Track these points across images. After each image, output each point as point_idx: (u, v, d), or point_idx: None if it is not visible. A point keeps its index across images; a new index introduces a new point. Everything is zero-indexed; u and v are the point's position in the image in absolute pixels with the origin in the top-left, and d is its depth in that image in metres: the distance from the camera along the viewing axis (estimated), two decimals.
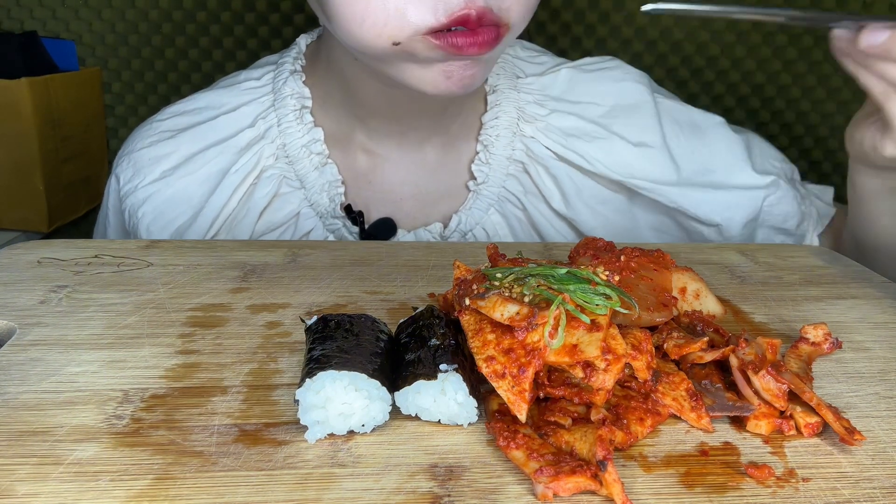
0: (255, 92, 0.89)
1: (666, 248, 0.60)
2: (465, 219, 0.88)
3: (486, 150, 0.88)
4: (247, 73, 0.91)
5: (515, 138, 0.88)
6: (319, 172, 0.87)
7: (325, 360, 0.43)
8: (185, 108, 0.91)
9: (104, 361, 0.50)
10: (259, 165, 0.86)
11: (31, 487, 0.38)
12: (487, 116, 0.88)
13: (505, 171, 0.88)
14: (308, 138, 0.86)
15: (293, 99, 0.87)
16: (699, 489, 0.40)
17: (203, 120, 0.89)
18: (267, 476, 0.40)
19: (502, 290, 0.45)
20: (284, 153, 0.87)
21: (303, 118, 0.87)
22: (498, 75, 0.89)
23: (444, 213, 0.90)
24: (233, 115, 0.88)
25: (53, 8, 1.53)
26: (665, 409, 0.46)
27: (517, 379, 0.42)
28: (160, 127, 0.90)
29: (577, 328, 0.43)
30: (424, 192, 0.90)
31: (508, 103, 0.88)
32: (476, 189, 0.88)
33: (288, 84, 0.87)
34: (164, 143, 0.89)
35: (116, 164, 0.91)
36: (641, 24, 1.54)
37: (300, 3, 1.53)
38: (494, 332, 0.44)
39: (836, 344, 0.55)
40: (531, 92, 0.89)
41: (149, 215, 0.87)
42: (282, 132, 0.86)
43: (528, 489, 0.39)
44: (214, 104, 0.89)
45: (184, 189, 0.87)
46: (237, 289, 0.63)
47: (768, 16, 0.71)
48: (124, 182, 0.89)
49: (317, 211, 0.87)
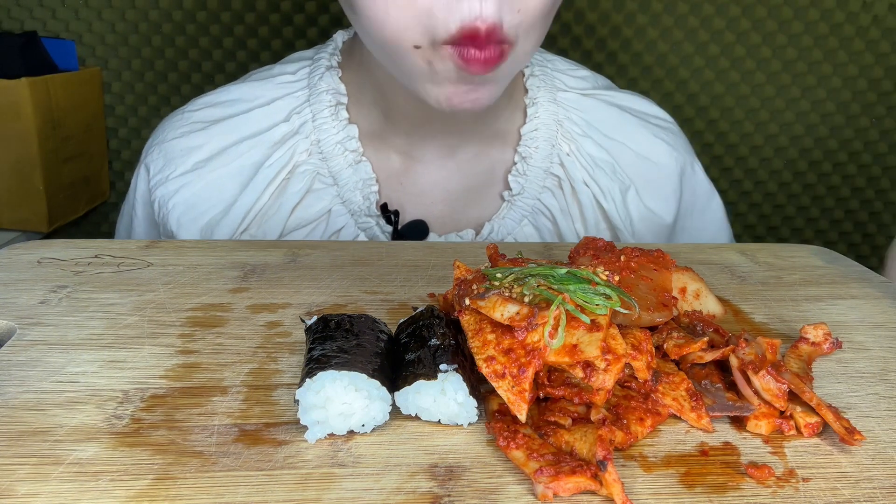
0: (289, 86, 0.88)
1: (666, 248, 0.60)
2: (497, 228, 0.87)
3: (524, 162, 0.87)
4: (280, 67, 0.90)
5: (554, 152, 0.88)
6: (353, 170, 0.86)
7: (325, 360, 0.43)
8: (218, 100, 0.90)
9: (104, 361, 0.50)
10: (292, 161, 0.86)
11: (31, 487, 0.38)
12: (526, 128, 0.88)
13: (542, 183, 0.88)
14: (343, 135, 0.86)
15: (329, 95, 0.86)
16: (699, 489, 0.40)
17: (236, 112, 0.88)
18: (267, 476, 0.40)
19: (502, 290, 0.45)
20: (318, 149, 0.86)
21: (338, 114, 0.86)
22: (539, 87, 0.89)
23: (475, 219, 0.89)
24: (267, 109, 0.87)
25: (53, 8, 1.54)
26: (665, 409, 0.46)
27: (517, 379, 0.42)
28: (192, 117, 0.89)
29: (577, 328, 0.43)
30: (456, 198, 0.89)
31: (548, 115, 0.88)
32: (511, 199, 0.88)
33: (324, 79, 0.86)
34: (197, 133, 0.88)
35: (146, 154, 0.89)
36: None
37: (300, 4, 1.53)
38: (494, 332, 0.44)
39: (836, 344, 0.55)
40: (570, 109, 0.89)
41: (179, 207, 0.86)
42: (316, 128, 0.86)
43: (528, 489, 0.39)
44: (247, 97, 0.88)
45: (216, 182, 0.86)
46: (237, 289, 0.63)
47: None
48: (154, 172, 0.87)
49: (349, 208, 0.86)
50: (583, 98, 0.90)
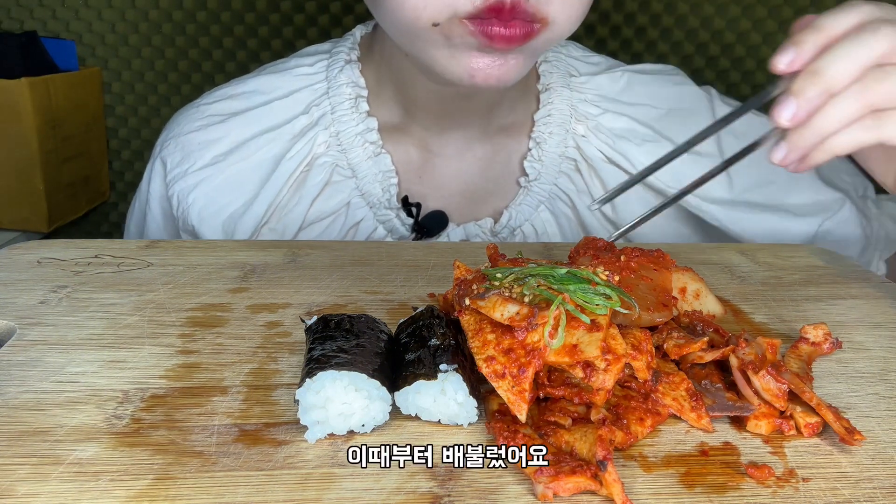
0: (308, 79, 0.87)
1: (666, 248, 0.60)
2: (514, 214, 0.87)
3: (538, 147, 0.87)
4: (297, 60, 0.90)
5: (568, 136, 0.87)
6: (373, 162, 0.85)
7: (325, 360, 0.43)
8: (234, 92, 0.89)
9: (104, 361, 0.50)
10: (312, 153, 0.85)
11: (31, 487, 0.38)
12: (540, 114, 0.87)
13: (557, 168, 0.87)
14: (363, 127, 0.85)
15: (348, 87, 0.85)
16: (699, 489, 0.40)
17: (254, 105, 0.87)
18: (267, 476, 0.40)
19: (502, 290, 0.45)
20: (337, 141, 0.85)
21: (358, 107, 0.85)
22: (551, 73, 0.88)
23: (494, 208, 0.89)
24: (286, 101, 0.87)
25: (53, 8, 1.54)
26: (665, 409, 0.46)
27: (517, 379, 0.42)
28: (208, 110, 0.88)
29: (577, 328, 0.43)
30: (475, 188, 0.89)
31: (561, 101, 0.87)
32: (527, 185, 0.87)
33: (344, 72, 0.86)
34: (214, 127, 0.87)
35: (161, 148, 0.88)
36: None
37: (300, 4, 1.53)
38: (494, 332, 0.44)
39: (836, 344, 0.55)
40: (584, 91, 0.88)
41: (200, 201, 0.85)
42: (336, 120, 0.85)
43: (528, 489, 0.39)
44: (264, 89, 0.88)
45: (236, 175, 0.85)
46: (237, 289, 0.63)
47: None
48: (172, 166, 0.87)
49: (368, 201, 0.86)
50: (595, 77, 0.89)
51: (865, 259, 0.90)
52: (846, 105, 0.53)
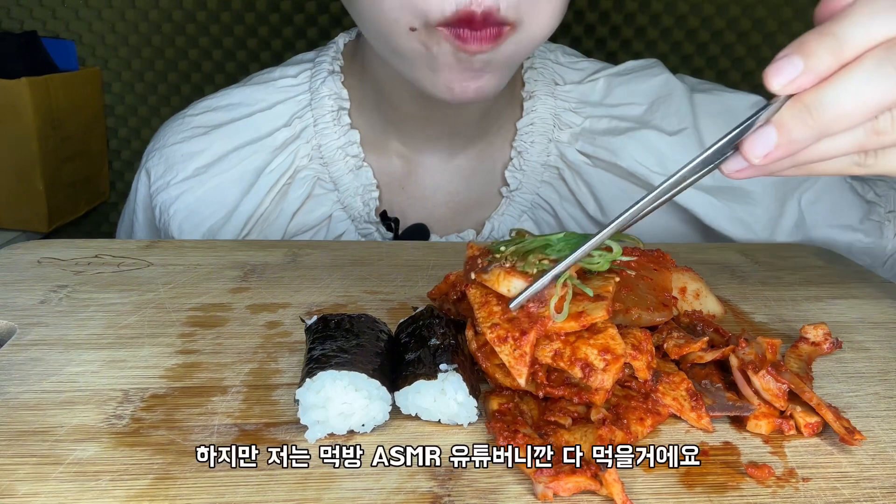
0: (291, 90, 0.87)
1: (666, 248, 0.60)
2: (497, 225, 0.87)
3: (520, 157, 0.87)
4: (282, 70, 0.90)
5: (550, 144, 0.87)
6: (354, 175, 0.85)
7: (326, 360, 0.43)
8: (219, 104, 0.89)
9: (104, 361, 0.50)
10: (293, 166, 0.85)
11: (31, 487, 0.38)
12: (522, 122, 0.87)
13: (539, 177, 0.87)
14: (344, 140, 0.85)
15: (331, 99, 0.86)
16: (699, 489, 0.40)
17: (238, 117, 0.87)
18: (267, 476, 0.40)
19: (503, 262, 0.46)
20: (319, 154, 0.85)
21: (340, 119, 0.86)
22: (536, 81, 0.88)
23: (476, 219, 0.89)
24: (268, 114, 0.87)
25: (53, 8, 1.54)
26: (665, 409, 0.46)
27: (518, 342, 0.43)
28: (193, 122, 0.89)
29: (582, 300, 0.44)
30: (458, 200, 0.89)
31: (545, 109, 0.87)
32: (509, 195, 0.87)
33: (326, 84, 0.86)
34: (198, 139, 0.87)
35: (147, 159, 0.89)
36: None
37: (300, 4, 1.53)
38: (500, 305, 0.45)
39: (836, 344, 0.55)
40: (568, 99, 0.88)
41: (181, 213, 0.85)
42: (318, 132, 0.85)
43: (528, 489, 0.39)
44: (248, 101, 0.88)
45: (217, 187, 0.85)
46: (237, 289, 0.63)
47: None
48: (156, 178, 0.87)
49: (349, 214, 0.86)
50: (580, 85, 0.89)
51: (869, 225, 0.86)
52: (838, 145, 0.45)
